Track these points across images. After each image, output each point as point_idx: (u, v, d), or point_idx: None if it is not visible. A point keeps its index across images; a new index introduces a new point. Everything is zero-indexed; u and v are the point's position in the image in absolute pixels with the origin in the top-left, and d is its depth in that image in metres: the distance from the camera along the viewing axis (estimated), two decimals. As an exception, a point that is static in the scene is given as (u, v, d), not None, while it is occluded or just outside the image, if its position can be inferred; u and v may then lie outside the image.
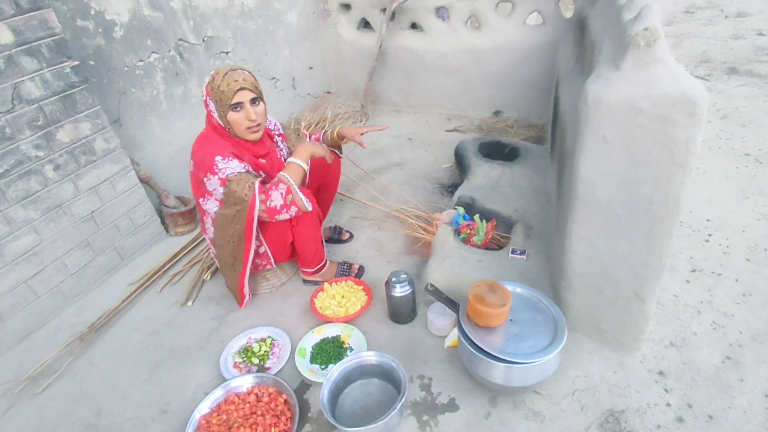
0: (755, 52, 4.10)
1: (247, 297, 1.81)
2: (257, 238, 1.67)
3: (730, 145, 2.69)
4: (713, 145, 2.70)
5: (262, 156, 1.70)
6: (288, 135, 1.90)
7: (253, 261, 1.74)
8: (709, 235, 2.02)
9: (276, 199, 1.52)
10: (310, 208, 1.59)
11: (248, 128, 1.57)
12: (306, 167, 1.61)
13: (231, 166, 1.52)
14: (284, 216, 1.56)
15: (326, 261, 1.91)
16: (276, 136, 1.84)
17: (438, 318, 1.63)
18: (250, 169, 1.59)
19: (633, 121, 1.11)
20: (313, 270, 1.88)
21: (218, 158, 1.52)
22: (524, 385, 1.33)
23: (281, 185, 1.53)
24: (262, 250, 1.76)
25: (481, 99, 3.38)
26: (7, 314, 1.77)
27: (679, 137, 1.08)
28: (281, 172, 1.57)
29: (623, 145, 1.15)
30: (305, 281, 1.96)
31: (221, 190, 1.53)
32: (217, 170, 1.51)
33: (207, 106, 1.58)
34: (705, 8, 5.70)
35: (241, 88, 1.51)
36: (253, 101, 1.55)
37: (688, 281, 1.79)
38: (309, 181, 1.92)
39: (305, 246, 1.78)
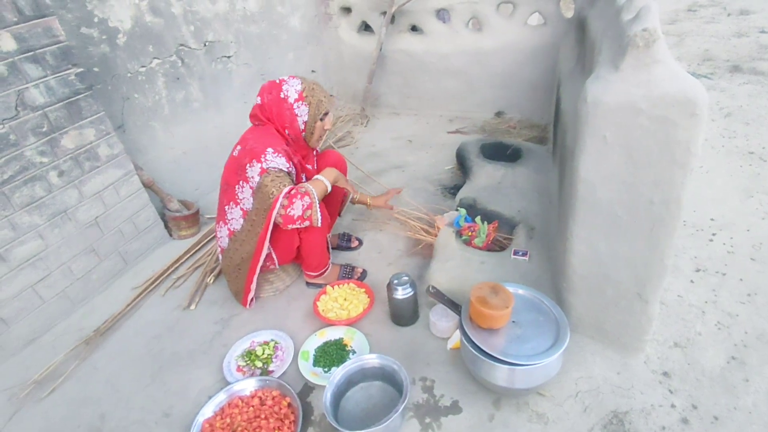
0: (758, 49, 4.08)
1: (251, 294, 1.83)
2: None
3: (733, 143, 2.68)
4: (716, 144, 2.69)
5: (308, 162, 1.82)
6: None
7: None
8: (713, 234, 2.01)
9: (297, 209, 1.56)
10: (320, 225, 1.65)
11: (321, 136, 1.75)
12: (329, 188, 1.69)
13: (277, 162, 1.57)
14: (296, 226, 1.60)
15: (329, 264, 1.93)
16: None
17: (440, 320, 1.63)
18: (293, 172, 1.67)
19: (633, 121, 1.11)
20: (316, 273, 1.90)
21: (270, 149, 1.58)
22: (527, 387, 1.33)
23: (306, 198, 1.56)
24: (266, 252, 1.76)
25: (483, 100, 3.38)
26: (14, 319, 1.79)
27: (679, 138, 1.08)
28: (307, 184, 1.62)
29: (623, 145, 1.15)
30: (308, 283, 1.98)
31: (257, 179, 1.57)
32: (263, 159, 1.56)
33: (291, 108, 1.64)
34: (707, 6, 5.67)
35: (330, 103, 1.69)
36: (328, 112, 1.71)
37: (692, 281, 1.78)
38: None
39: (311, 251, 1.81)
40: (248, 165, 1.58)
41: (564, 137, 1.70)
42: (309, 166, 1.83)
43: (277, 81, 1.66)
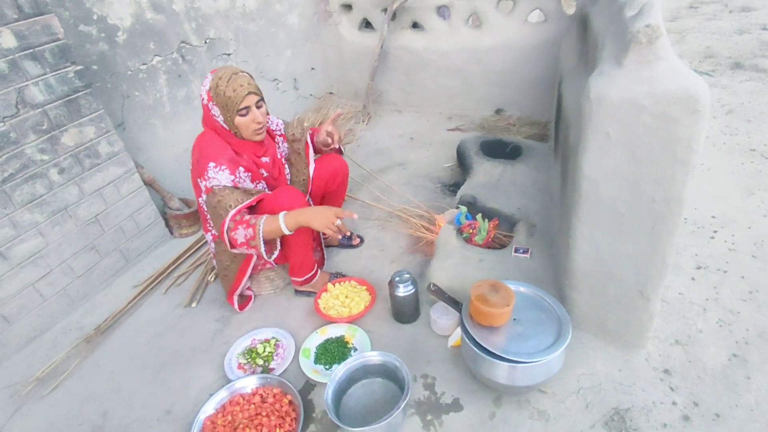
0: (760, 46, 4.07)
1: (237, 293, 1.82)
2: None
3: (735, 140, 2.67)
4: (718, 141, 2.68)
5: (263, 155, 1.70)
6: (293, 133, 1.89)
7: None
8: (715, 231, 2.01)
9: (239, 236, 1.48)
10: (269, 258, 1.58)
11: (255, 131, 1.58)
12: (286, 232, 1.50)
13: (219, 178, 1.49)
14: (243, 251, 1.54)
15: (316, 271, 1.87)
16: (277, 136, 1.85)
17: (441, 317, 1.63)
18: (244, 178, 1.58)
19: (636, 118, 1.10)
20: (302, 279, 1.84)
21: (211, 164, 1.50)
22: (528, 385, 1.33)
23: (249, 230, 1.47)
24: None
25: (483, 98, 3.37)
26: (15, 317, 1.79)
27: (681, 135, 1.08)
28: (260, 218, 1.48)
29: (626, 142, 1.15)
30: (297, 291, 1.92)
31: (205, 197, 1.54)
32: (206, 177, 1.49)
33: (208, 110, 1.57)
34: (709, 3, 5.65)
35: (248, 93, 1.51)
36: (258, 104, 1.56)
37: (693, 279, 1.78)
38: (314, 188, 1.92)
39: (293, 253, 1.73)
40: (198, 180, 1.54)
41: (566, 134, 1.70)
42: (265, 159, 1.70)
43: (206, 76, 1.57)
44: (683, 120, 1.06)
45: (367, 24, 3.57)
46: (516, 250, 1.81)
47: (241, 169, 1.58)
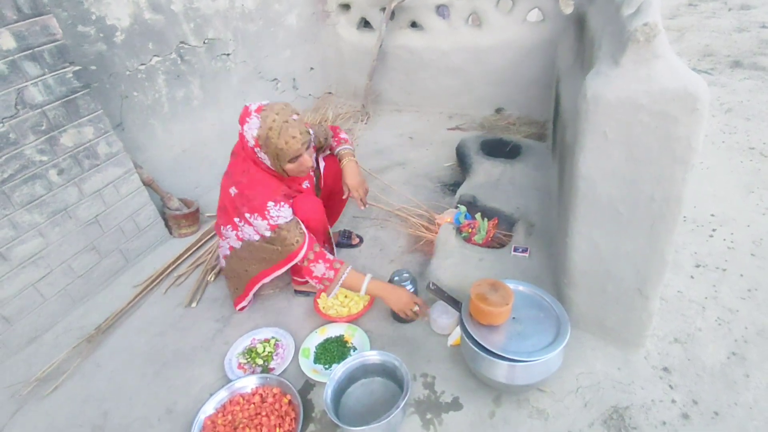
0: (759, 44, 4.06)
1: (244, 302, 1.83)
2: None
3: (734, 139, 2.67)
4: (717, 140, 2.68)
5: (303, 181, 1.73)
6: (320, 139, 1.87)
7: None
8: (714, 230, 2.01)
9: (317, 271, 1.58)
10: (328, 297, 1.67)
11: (301, 172, 1.58)
12: (362, 294, 1.62)
13: (282, 215, 1.53)
14: (312, 282, 1.62)
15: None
16: None
17: (440, 317, 1.63)
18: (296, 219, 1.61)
19: (633, 117, 1.11)
20: (303, 280, 1.85)
21: (270, 204, 1.51)
22: (528, 383, 1.33)
23: (330, 272, 1.57)
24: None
25: (483, 97, 3.37)
26: (16, 317, 1.79)
27: (680, 133, 1.08)
28: (348, 270, 1.60)
29: (624, 142, 1.15)
30: (296, 291, 1.93)
31: (269, 233, 1.55)
32: (268, 216, 1.51)
33: (252, 151, 1.53)
34: (708, 1, 5.64)
35: (302, 143, 1.48)
36: (307, 146, 1.53)
37: (692, 277, 1.78)
38: (324, 185, 1.92)
39: None
40: (249, 215, 1.54)
41: (564, 134, 1.70)
42: (306, 184, 1.74)
43: (247, 112, 1.50)
44: (682, 119, 1.06)
45: (365, 23, 3.57)
46: (515, 250, 1.82)
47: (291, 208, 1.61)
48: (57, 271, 1.89)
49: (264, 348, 1.67)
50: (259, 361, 1.63)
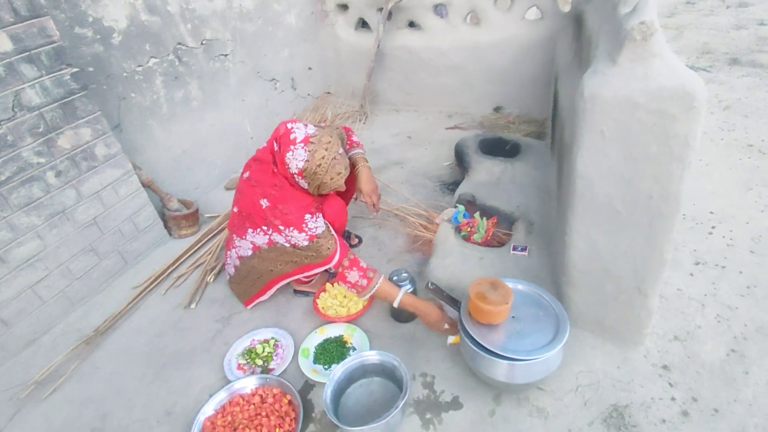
0: (757, 42, 4.06)
1: (259, 300, 1.84)
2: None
3: (732, 136, 2.67)
4: (715, 137, 2.68)
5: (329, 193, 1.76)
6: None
7: None
8: (713, 227, 2.01)
9: (351, 277, 1.60)
10: (360, 300, 1.74)
11: (333, 190, 1.65)
12: (395, 305, 1.61)
13: (319, 225, 1.57)
14: (344, 287, 1.64)
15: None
16: None
17: None
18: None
19: (631, 116, 1.10)
20: (304, 280, 1.85)
21: (307, 216, 1.56)
22: (527, 382, 1.33)
23: (364, 280, 1.59)
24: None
25: (482, 95, 3.37)
26: (14, 319, 1.79)
27: (677, 131, 1.08)
28: (381, 279, 1.61)
29: (621, 140, 1.15)
30: (296, 291, 1.93)
31: (306, 243, 1.57)
32: (306, 228, 1.55)
33: (292, 176, 1.57)
34: (706, -1, 5.65)
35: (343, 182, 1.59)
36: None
37: (691, 274, 1.78)
38: None
39: None
40: (283, 227, 1.56)
41: (562, 132, 1.70)
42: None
43: (290, 137, 1.55)
44: (679, 116, 1.06)
45: (363, 24, 3.57)
46: (514, 248, 1.81)
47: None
48: (55, 273, 1.89)
49: (263, 348, 1.67)
50: (259, 362, 1.63)
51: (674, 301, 1.67)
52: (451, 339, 1.60)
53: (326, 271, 1.94)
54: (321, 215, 1.61)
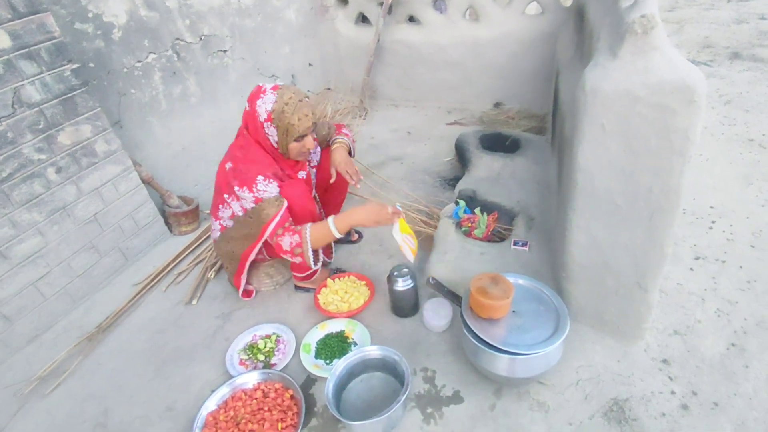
0: (758, 36, 4.05)
1: (242, 287, 1.84)
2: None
3: (733, 131, 2.67)
4: (716, 132, 2.68)
5: (300, 170, 1.74)
6: (321, 133, 1.88)
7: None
8: (713, 222, 2.01)
9: (285, 243, 1.54)
10: (315, 267, 1.65)
11: (302, 154, 1.62)
12: (338, 236, 1.57)
13: (269, 190, 1.54)
14: (288, 258, 1.58)
15: (317, 267, 1.86)
16: None
17: (432, 318, 1.63)
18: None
19: (631, 109, 1.10)
20: (302, 276, 1.85)
21: (260, 177, 1.54)
22: (528, 376, 1.34)
23: (296, 237, 1.53)
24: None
25: (481, 91, 3.37)
26: (16, 316, 1.79)
27: (678, 125, 1.07)
28: (309, 225, 1.55)
29: (622, 134, 1.15)
30: (297, 287, 1.94)
31: (252, 205, 1.56)
32: (255, 189, 1.53)
33: (261, 126, 1.56)
34: (707, -7, 5.62)
35: (311, 123, 1.55)
36: (312, 130, 1.59)
37: (691, 269, 1.78)
38: (318, 181, 1.92)
39: None
40: (238, 188, 1.56)
41: (562, 126, 1.70)
42: (302, 174, 1.75)
43: (261, 90, 1.56)
44: (680, 110, 1.06)
45: (363, 18, 3.55)
46: (515, 243, 1.82)
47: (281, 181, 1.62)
48: (56, 270, 1.89)
49: (265, 344, 1.67)
50: (261, 357, 1.63)
51: (674, 296, 1.68)
52: (408, 247, 1.60)
53: (324, 266, 1.96)
54: (276, 183, 1.56)
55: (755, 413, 1.30)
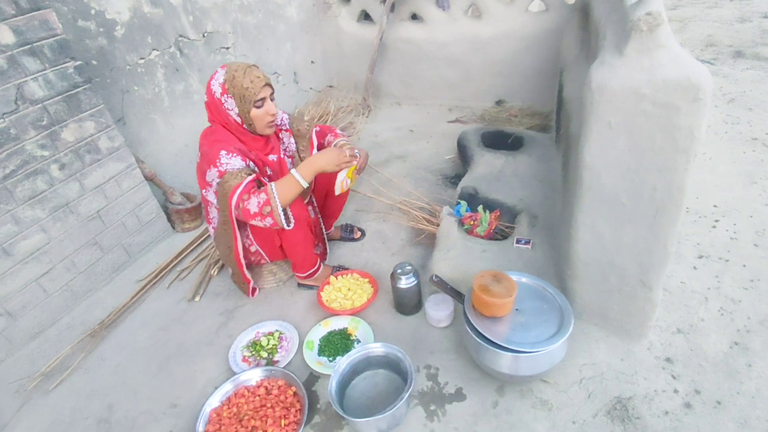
0: (761, 34, 4.04)
1: (252, 283, 1.84)
2: (247, 236, 1.73)
3: (736, 129, 2.66)
4: (720, 130, 2.67)
5: (270, 152, 1.71)
6: (297, 128, 1.88)
7: (247, 257, 1.78)
8: (716, 221, 2.00)
9: (252, 205, 1.48)
10: (288, 227, 1.56)
11: (268, 123, 1.61)
12: (305, 184, 1.54)
13: (233, 162, 1.52)
14: (258, 223, 1.52)
15: (319, 265, 1.88)
16: (282, 131, 1.84)
17: (435, 312, 1.63)
18: (253, 168, 1.59)
19: (637, 107, 1.10)
20: (305, 274, 1.86)
21: (223, 152, 1.53)
22: (531, 374, 1.34)
23: (262, 195, 1.48)
24: (253, 248, 1.78)
25: (484, 89, 3.36)
26: (19, 312, 1.80)
27: (682, 123, 1.07)
28: (274, 183, 1.52)
29: (627, 131, 1.14)
30: (299, 284, 1.94)
31: (217, 181, 1.54)
32: (219, 164, 1.52)
33: (220, 103, 1.57)
34: (710, -9, 5.60)
35: (265, 84, 1.55)
36: (271, 96, 1.60)
37: (695, 268, 1.78)
38: (316, 185, 1.92)
39: (293, 251, 1.76)
40: (207, 171, 1.55)
41: (568, 124, 1.69)
42: (272, 157, 1.71)
43: (212, 76, 1.58)
44: (684, 108, 1.05)
45: (366, 16, 3.55)
46: (518, 241, 1.82)
47: (251, 163, 1.59)
48: (59, 266, 1.90)
49: (268, 341, 1.67)
50: (264, 354, 1.63)
51: (678, 294, 1.67)
52: (345, 186, 1.68)
53: (322, 262, 1.96)
54: (240, 157, 1.53)
55: (758, 412, 1.30)
